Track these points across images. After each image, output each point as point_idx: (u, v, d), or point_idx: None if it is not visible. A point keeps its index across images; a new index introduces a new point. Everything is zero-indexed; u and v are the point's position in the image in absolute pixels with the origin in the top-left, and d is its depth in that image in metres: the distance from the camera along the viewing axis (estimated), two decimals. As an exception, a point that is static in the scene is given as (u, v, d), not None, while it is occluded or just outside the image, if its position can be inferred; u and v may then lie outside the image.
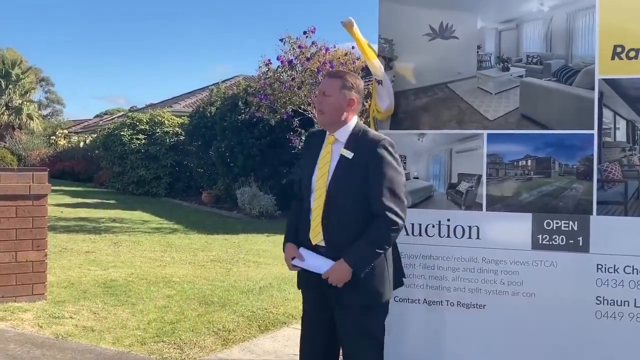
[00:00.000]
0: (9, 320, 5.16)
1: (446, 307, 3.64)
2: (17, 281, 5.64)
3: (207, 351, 4.57)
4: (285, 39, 12.73)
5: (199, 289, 6.39)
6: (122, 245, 9.38)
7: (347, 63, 12.44)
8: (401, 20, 3.78)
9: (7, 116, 42.24)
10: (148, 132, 20.64)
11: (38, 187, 5.70)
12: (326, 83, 3.08)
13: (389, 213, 2.83)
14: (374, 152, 2.89)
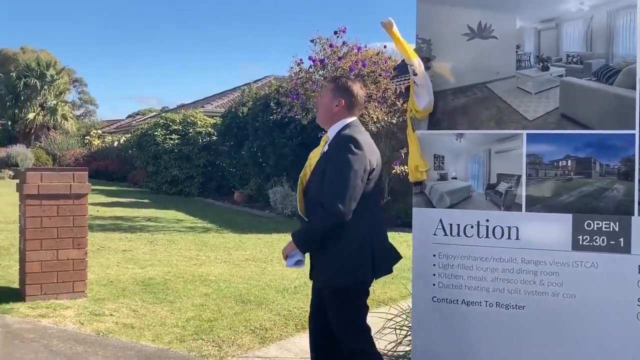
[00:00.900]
0: (52, 317, 5.28)
1: (485, 308, 3.62)
2: (59, 279, 5.77)
3: (245, 349, 4.63)
4: (316, 39, 12.78)
5: (235, 288, 6.46)
6: (158, 244, 9.51)
7: (379, 62, 12.44)
8: (439, 20, 3.78)
9: (42, 116, 42.97)
10: (181, 132, 20.84)
11: (78, 187, 5.82)
12: (325, 87, 3.31)
13: (322, 206, 3.11)
14: (334, 147, 3.23)
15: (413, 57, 3.58)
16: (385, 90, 12.47)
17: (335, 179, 3.12)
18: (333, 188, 3.11)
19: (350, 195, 3.10)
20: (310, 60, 12.66)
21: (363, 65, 12.08)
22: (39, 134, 41.59)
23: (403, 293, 6.19)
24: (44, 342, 4.66)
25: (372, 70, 12.27)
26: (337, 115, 3.38)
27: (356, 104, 3.44)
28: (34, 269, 5.69)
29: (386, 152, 12.58)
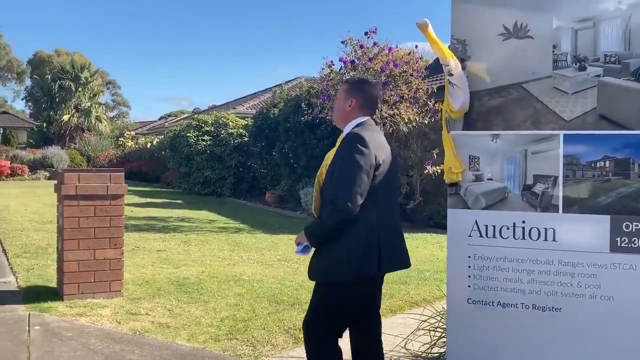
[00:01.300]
0: (89, 316, 5.37)
1: (521, 310, 3.60)
2: (96, 278, 5.87)
3: (279, 349, 4.66)
4: (347, 40, 12.79)
5: (269, 288, 6.50)
6: (192, 244, 9.60)
7: (411, 62, 12.40)
8: (474, 20, 3.76)
9: (77, 118, 43.65)
10: (213, 133, 21.01)
11: (115, 187, 5.91)
12: (339, 89, 3.55)
13: (331, 202, 3.19)
14: (341, 146, 3.32)
15: (450, 57, 3.57)
16: (416, 91, 12.43)
17: (341, 176, 3.21)
18: (340, 184, 3.20)
19: (356, 190, 3.16)
20: (341, 61, 12.68)
21: (394, 66, 12.05)
22: (73, 136, 42.27)
23: (436, 295, 6.16)
24: (82, 341, 4.74)
25: (404, 70, 12.24)
26: (350, 115, 3.46)
27: (368, 103, 3.51)
28: (72, 268, 5.79)
29: (418, 152, 12.53)
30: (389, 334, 5.03)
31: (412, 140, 12.85)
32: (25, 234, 10.17)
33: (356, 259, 3.24)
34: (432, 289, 6.52)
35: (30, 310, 5.49)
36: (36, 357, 4.38)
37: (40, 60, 63.35)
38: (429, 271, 7.58)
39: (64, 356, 4.41)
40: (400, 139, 13.15)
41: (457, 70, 3.60)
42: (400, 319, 5.48)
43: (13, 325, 5.08)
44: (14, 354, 4.43)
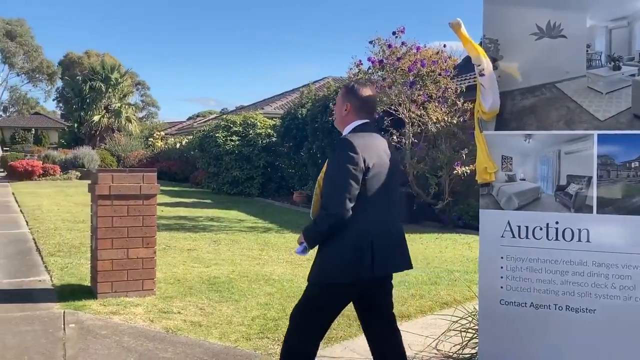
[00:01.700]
0: (122, 314, 5.45)
1: (554, 311, 3.57)
2: (129, 277, 5.96)
3: (310, 349, 4.67)
4: (375, 40, 12.79)
5: (298, 287, 6.52)
6: (222, 244, 9.68)
7: (439, 62, 12.36)
8: (506, 20, 3.75)
9: (107, 119, 44.18)
10: (241, 133, 21.13)
11: (148, 187, 5.99)
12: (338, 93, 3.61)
13: (323, 207, 3.28)
14: (331, 151, 3.41)
15: (483, 56, 3.56)
16: (445, 90, 12.38)
17: (331, 181, 3.30)
18: (329, 189, 3.28)
19: (345, 195, 3.21)
20: (369, 61, 12.69)
21: (422, 65, 12.03)
22: (103, 136, 42.79)
23: (467, 295, 6.14)
24: (116, 339, 4.81)
25: (432, 70, 12.20)
26: (347, 119, 3.51)
27: (364, 107, 3.53)
28: (105, 267, 5.89)
29: (447, 153, 12.46)
30: (420, 334, 5.05)
31: (441, 141, 12.78)
32: (58, 233, 10.33)
33: (347, 261, 3.28)
34: (463, 289, 6.49)
35: (65, 308, 5.59)
36: (72, 354, 4.46)
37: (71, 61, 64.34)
38: (459, 272, 7.55)
39: (98, 354, 4.49)
40: (429, 139, 13.10)
41: (489, 70, 3.58)
42: (431, 320, 5.47)
43: (49, 323, 5.18)
44: (50, 351, 4.52)
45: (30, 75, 57.83)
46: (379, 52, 12.67)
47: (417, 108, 12.55)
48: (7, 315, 5.39)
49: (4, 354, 4.43)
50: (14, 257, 8.21)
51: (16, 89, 59.05)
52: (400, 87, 12.37)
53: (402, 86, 12.36)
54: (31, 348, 4.57)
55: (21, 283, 6.71)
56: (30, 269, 7.44)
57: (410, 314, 5.62)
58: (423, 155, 12.99)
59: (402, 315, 5.54)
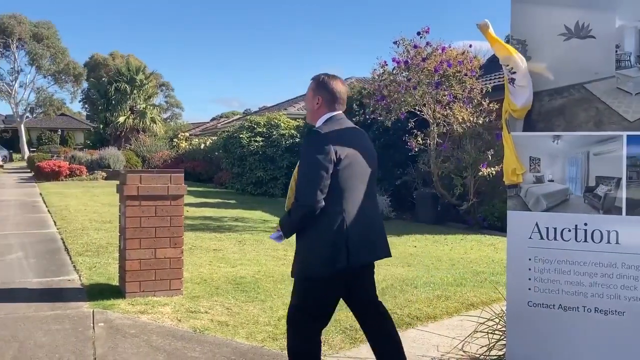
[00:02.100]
0: (150, 314, 5.51)
1: (582, 313, 3.55)
2: (157, 276, 6.02)
3: (337, 349, 4.70)
4: (399, 41, 12.77)
5: (323, 288, 6.54)
6: (247, 244, 9.73)
7: (465, 62, 12.32)
8: (534, 20, 3.74)
9: (132, 120, 44.57)
10: (265, 134, 21.20)
11: (175, 188, 6.05)
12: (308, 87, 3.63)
13: (295, 198, 3.35)
14: (303, 143, 3.48)
15: (514, 53, 3.55)
16: (470, 90, 12.33)
17: (301, 173, 3.34)
18: (300, 181, 3.34)
19: (315, 187, 3.26)
20: (394, 61, 12.68)
21: (448, 66, 12.00)
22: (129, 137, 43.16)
23: (493, 297, 6.11)
24: (145, 338, 4.87)
25: (458, 70, 12.16)
26: (319, 112, 3.55)
27: (335, 99, 3.55)
28: (134, 266, 5.96)
29: (472, 153, 12.41)
30: (446, 335, 5.04)
31: (466, 141, 12.73)
32: (85, 233, 10.47)
33: (324, 253, 3.33)
34: (489, 290, 6.46)
35: (94, 308, 5.67)
36: (101, 353, 4.53)
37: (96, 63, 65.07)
38: (484, 273, 7.51)
39: (127, 352, 4.55)
40: (454, 140, 13.05)
41: (522, 66, 3.56)
42: (457, 321, 5.46)
43: (78, 322, 5.26)
44: (80, 350, 4.59)
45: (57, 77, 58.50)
46: (403, 52, 12.66)
47: (442, 108, 12.52)
48: (38, 314, 5.49)
49: (36, 352, 4.51)
50: (43, 257, 8.34)
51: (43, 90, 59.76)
52: (425, 88, 12.34)
53: (427, 87, 12.33)
54: (62, 346, 4.65)
55: (51, 282, 6.82)
56: (59, 269, 7.55)
57: (436, 315, 5.61)
58: (448, 155, 12.94)
59: (428, 317, 5.54)
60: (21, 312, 5.53)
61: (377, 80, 13.23)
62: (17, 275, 7.14)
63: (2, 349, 4.56)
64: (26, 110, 59.54)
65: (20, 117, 57.82)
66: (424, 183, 14.32)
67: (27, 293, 6.32)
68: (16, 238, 10.05)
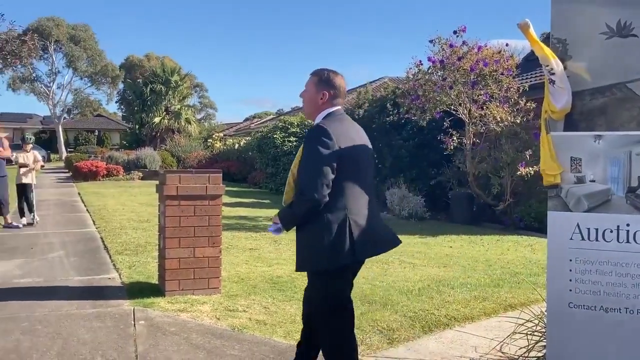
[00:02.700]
0: (189, 312, 5.59)
1: (625, 315, 3.51)
2: (195, 275, 6.10)
3: (374, 349, 4.70)
4: (435, 40, 12.72)
5: (359, 288, 6.55)
6: (282, 243, 9.78)
7: (501, 61, 12.22)
8: (575, 19, 3.70)
9: (167, 120, 45.10)
10: (299, 134, 21.27)
11: (213, 188, 6.12)
12: (308, 80, 3.66)
13: (300, 192, 3.37)
14: (306, 137, 3.47)
15: (551, 57, 3.53)
16: (507, 90, 12.23)
17: (306, 167, 3.38)
18: (306, 176, 3.37)
19: (321, 181, 3.31)
20: (429, 61, 12.63)
21: (484, 65, 11.91)
22: (164, 137, 43.68)
23: (531, 298, 6.06)
24: (184, 336, 4.95)
25: (494, 69, 12.07)
26: (322, 107, 3.60)
27: (339, 95, 3.65)
28: (173, 265, 6.04)
29: (510, 153, 12.29)
30: (484, 337, 5.02)
31: (503, 141, 12.62)
32: (124, 232, 10.64)
33: (330, 247, 3.38)
34: (527, 292, 6.41)
35: (135, 306, 5.77)
36: (143, 350, 4.61)
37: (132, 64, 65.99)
38: (522, 274, 7.44)
39: (168, 350, 4.62)
40: (491, 139, 12.95)
41: (559, 70, 3.54)
42: (495, 322, 5.43)
43: (120, 320, 5.36)
44: (122, 347, 4.68)
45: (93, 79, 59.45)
46: (438, 51, 12.61)
47: (478, 108, 12.44)
48: (81, 312, 5.60)
49: (79, 349, 4.61)
50: (84, 256, 8.51)
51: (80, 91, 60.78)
52: (461, 87, 12.27)
53: (462, 86, 12.26)
54: (104, 343, 4.74)
55: (92, 280, 6.95)
56: (99, 267, 7.70)
57: (474, 316, 5.58)
58: (484, 155, 12.85)
59: (465, 317, 5.52)
60: (64, 310, 5.66)
61: (412, 79, 13.21)
62: (59, 274, 7.30)
63: (47, 345, 4.67)
64: (63, 112, 60.62)
65: (58, 118, 58.88)
66: (459, 183, 14.24)
67: (69, 291, 6.45)
68: (57, 237, 10.27)
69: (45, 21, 55.27)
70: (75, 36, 56.96)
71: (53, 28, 54.84)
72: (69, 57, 56.86)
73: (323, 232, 3.39)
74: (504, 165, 12.38)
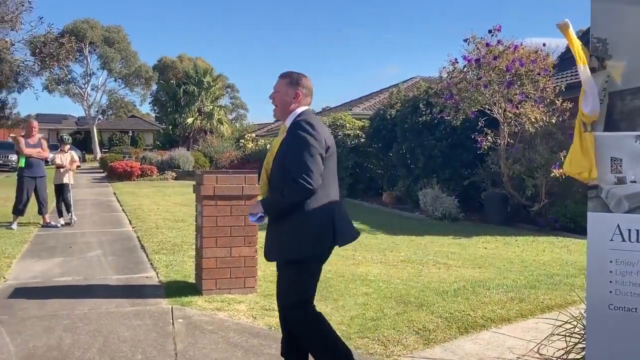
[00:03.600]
0: (226, 311, 5.66)
1: (668, 317, 3.47)
2: (232, 274, 6.17)
3: (411, 349, 4.71)
4: (470, 38, 12.65)
5: (395, 288, 6.57)
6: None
7: (537, 61, 12.10)
8: (616, 18, 3.66)
9: (200, 121, 45.50)
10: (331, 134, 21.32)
11: (249, 188, 6.19)
12: (277, 82, 3.82)
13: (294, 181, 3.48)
14: (293, 132, 3.62)
15: (579, 62, 3.50)
16: (543, 89, 12.11)
17: (300, 157, 3.51)
18: (300, 165, 3.50)
19: (316, 170, 3.51)
20: (464, 59, 12.56)
21: (521, 65, 11.80)
22: (196, 138, 44.09)
23: (568, 299, 6.01)
24: (222, 334, 5.01)
25: (530, 69, 11.95)
26: (295, 107, 3.78)
27: (309, 94, 3.86)
28: (210, 264, 6.12)
29: (544, 154, 12.16)
30: (521, 338, 4.99)
31: (538, 141, 12.49)
32: (160, 231, 10.78)
33: (316, 235, 3.60)
34: (564, 293, 6.35)
35: (173, 304, 5.86)
36: (182, 348, 4.68)
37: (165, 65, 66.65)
38: (558, 275, 7.37)
39: (207, 348, 4.69)
40: (525, 140, 12.83)
41: (584, 76, 3.51)
42: (532, 324, 5.39)
43: (158, 318, 5.45)
44: (161, 345, 4.76)
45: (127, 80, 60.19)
46: (473, 50, 12.53)
47: (513, 107, 12.33)
48: (120, 310, 5.71)
49: (120, 347, 4.70)
50: (121, 255, 8.65)
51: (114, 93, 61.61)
52: (496, 87, 12.18)
53: (498, 85, 12.17)
54: (144, 341, 4.83)
55: (130, 279, 7.07)
56: (137, 266, 7.82)
57: (510, 318, 5.55)
58: (519, 156, 12.73)
59: (502, 319, 5.49)
60: (104, 308, 5.77)
61: (447, 78, 13.15)
62: (98, 272, 7.44)
63: (89, 343, 4.77)
64: (98, 113, 61.54)
65: (93, 119, 59.78)
66: (493, 183, 14.12)
67: (107, 289, 6.58)
68: (94, 236, 10.46)
69: (80, 23, 56.10)
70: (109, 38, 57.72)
71: (87, 30, 55.63)
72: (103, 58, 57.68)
73: (310, 220, 3.58)
74: (539, 166, 12.25)
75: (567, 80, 13.19)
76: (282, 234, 3.68)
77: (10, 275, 7.22)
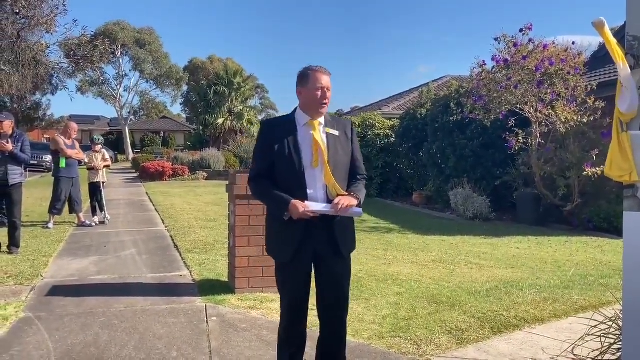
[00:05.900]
0: (259, 309, 5.71)
1: None
2: (264, 273, 6.22)
3: (443, 349, 4.71)
4: (500, 37, 12.56)
5: (426, 288, 6.57)
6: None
7: (568, 59, 11.97)
8: (652, 17, 3.62)
9: (230, 121, 45.78)
10: (360, 134, 21.28)
11: (281, 189, 6.22)
12: (328, 79, 3.65)
13: (364, 176, 3.82)
14: (352, 130, 3.78)
15: (618, 59, 3.47)
16: (574, 89, 11.97)
17: (360, 155, 3.83)
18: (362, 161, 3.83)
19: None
20: (493, 60, 12.48)
21: (550, 64, 11.70)
22: (227, 138, 44.37)
23: (603, 300, 5.95)
24: (255, 332, 5.06)
25: (560, 68, 11.84)
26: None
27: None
28: (243, 263, 6.18)
29: (576, 153, 12.03)
30: (555, 338, 4.96)
31: (570, 141, 12.35)
32: (192, 231, 10.91)
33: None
34: (598, 293, 6.29)
35: (206, 302, 5.94)
36: (216, 345, 4.75)
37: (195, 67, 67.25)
38: (592, 276, 7.30)
39: (241, 346, 4.74)
40: (557, 139, 12.70)
41: (623, 73, 3.48)
42: (566, 324, 5.35)
43: (192, 316, 5.53)
44: (196, 342, 4.83)
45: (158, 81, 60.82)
46: (504, 49, 12.45)
47: (544, 107, 12.22)
48: (155, 308, 5.80)
49: (156, 344, 4.78)
50: (155, 253, 8.77)
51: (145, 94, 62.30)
52: (527, 86, 12.08)
53: (528, 85, 12.07)
54: (179, 339, 4.91)
55: (164, 278, 7.17)
56: (171, 264, 7.93)
57: (544, 318, 5.52)
58: (551, 156, 12.61)
59: (535, 319, 5.46)
60: (139, 306, 5.86)
61: (476, 79, 13.08)
62: (132, 271, 7.56)
63: (125, 340, 4.86)
64: (130, 113, 62.29)
65: (125, 120, 60.56)
66: (525, 183, 14.00)
67: (142, 287, 6.68)
68: (128, 235, 10.62)
69: (112, 25, 56.85)
70: (141, 40, 58.42)
71: (119, 32, 56.33)
72: (135, 60, 58.38)
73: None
74: (571, 165, 12.11)
75: (599, 79, 13.03)
76: (348, 227, 3.90)
77: (47, 273, 7.37)
